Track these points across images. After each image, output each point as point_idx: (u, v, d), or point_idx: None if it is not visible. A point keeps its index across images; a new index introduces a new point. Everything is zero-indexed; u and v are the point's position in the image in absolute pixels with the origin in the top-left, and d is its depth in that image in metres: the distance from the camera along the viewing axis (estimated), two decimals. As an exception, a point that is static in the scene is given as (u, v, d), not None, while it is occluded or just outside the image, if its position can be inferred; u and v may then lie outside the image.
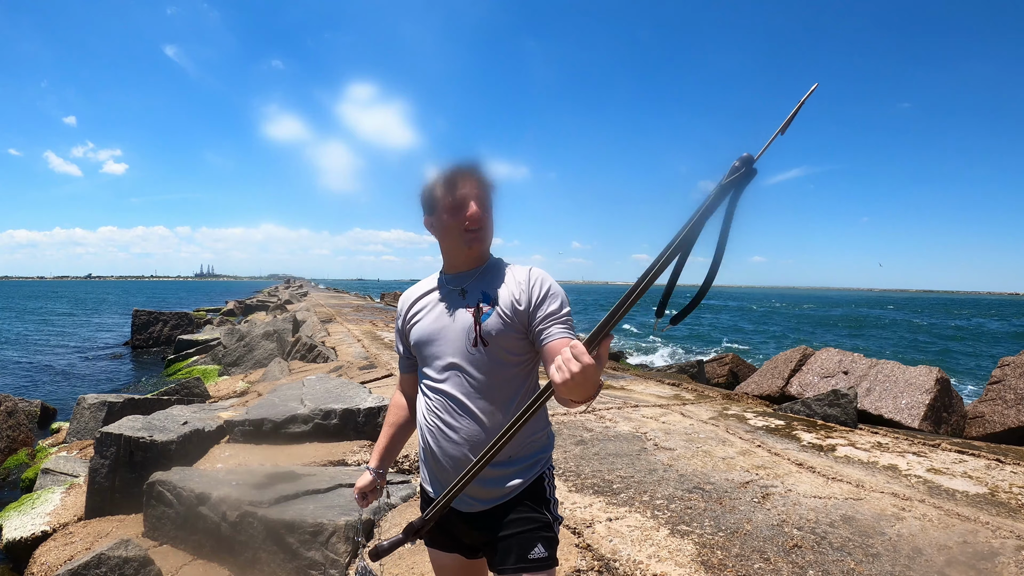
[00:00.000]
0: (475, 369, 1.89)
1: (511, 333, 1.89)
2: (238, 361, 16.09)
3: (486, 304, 1.90)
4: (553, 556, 1.89)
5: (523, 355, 1.93)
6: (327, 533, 3.83)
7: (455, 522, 1.97)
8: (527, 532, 1.88)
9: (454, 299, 1.97)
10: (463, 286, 1.97)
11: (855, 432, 6.38)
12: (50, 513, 5.68)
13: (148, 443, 5.57)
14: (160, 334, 27.28)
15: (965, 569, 3.31)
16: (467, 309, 1.92)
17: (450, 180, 1.91)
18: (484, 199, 1.92)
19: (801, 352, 10.08)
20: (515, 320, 1.89)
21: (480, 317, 1.89)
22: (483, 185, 1.93)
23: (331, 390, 6.88)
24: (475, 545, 1.99)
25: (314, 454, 5.52)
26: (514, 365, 1.92)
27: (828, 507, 4.16)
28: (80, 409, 9.17)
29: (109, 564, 3.88)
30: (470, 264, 1.99)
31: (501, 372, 1.90)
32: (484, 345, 1.88)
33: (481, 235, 1.93)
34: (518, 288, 1.91)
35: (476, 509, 1.92)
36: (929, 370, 8.24)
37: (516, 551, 1.86)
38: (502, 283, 1.94)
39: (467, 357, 1.90)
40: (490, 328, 1.88)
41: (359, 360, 11.19)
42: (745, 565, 3.34)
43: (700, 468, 4.98)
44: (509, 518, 1.90)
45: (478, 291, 1.95)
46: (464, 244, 1.93)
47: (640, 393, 8.50)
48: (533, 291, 1.90)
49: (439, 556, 2.07)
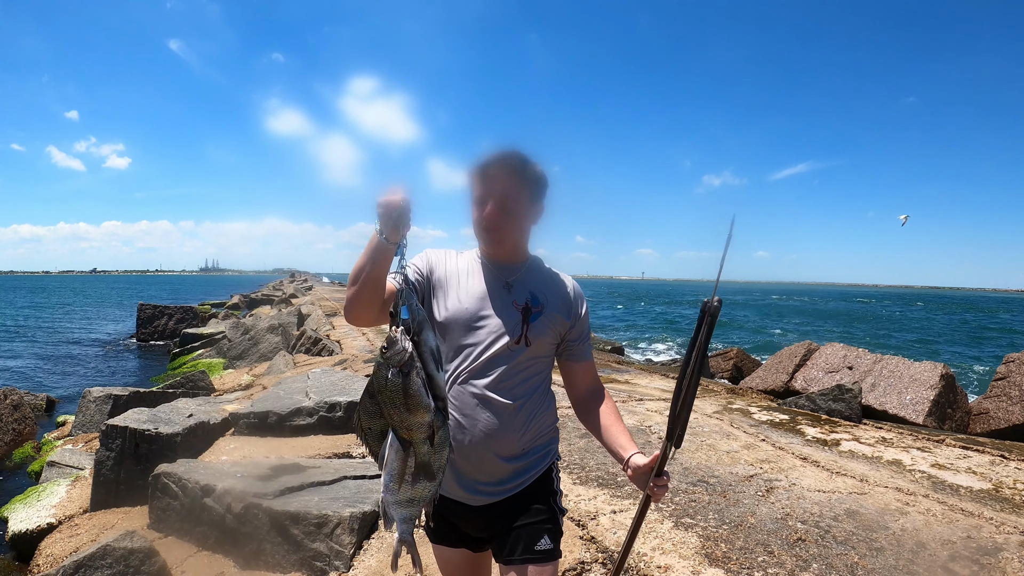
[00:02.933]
0: (509, 366, 1.88)
1: (550, 339, 1.94)
2: (243, 354, 16.11)
3: (535, 306, 1.90)
4: (558, 548, 1.91)
5: (547, 357, 1.99)
6: (332, 525, 3.84)
7: (464, 515, 1.95)
8: (535, 524, 1.88)
9: (498, 290, 1.92)
10: (508, 280, 1.93)
11: (859, 427, 6.37)
12: (56, 505, 5.71)
13: (153, 435, 5.59)
14: (165, 328, 27.34)
15: (968, 564, 3.31)
16: (515, 306, 1.90)
17: (481, 171, 1.84)
18: (511, 200, 1.83)
19: (806, 347, 10.07)
20: (559, 329, 1.95)
21: (529, 318, 1.89)
22: (514, 183, 1.83)
23: (336, 383, 6.90)
24: (483, 537, 1.98)
25: (319, 446, 5.53)
26: (541, 367, 1.96)
27: (832, 501, 4.16)
28: (85, 402, 9.20)
29: (114, 555, 3.90)
30: (509, 257, 1.96)
31: (528, 372, 1.92)
32: (527, 345, 1.88)
33: (497, 237, 1.87)
34: (566, 300, 1.97)
35: (486, 502, 1.91)
36: (934, 366, 8.22)
37: (523, 542, 1.86)
38: (551, 289, 1.96)
39: (504, 353, 1.87)
40: (537, 331, 1.89)
41: (364, 353, 11.21)
42: (749, 558, 3.34)
43: (704, 461, 4.99)
44: (518, 509, 1.90)
45: (526, 290, 1.93)
46: (481, 241, 1.92)
47: (644, 387, 8.50)
48: (578, 308, 2.00)
49: (444, 551, 2.04)
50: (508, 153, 1.84)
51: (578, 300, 2.00)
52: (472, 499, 1.91)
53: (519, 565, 1.84)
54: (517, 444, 1.90)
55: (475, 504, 1.92)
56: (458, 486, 1.91)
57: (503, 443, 1.87)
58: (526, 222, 1.91)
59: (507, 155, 1.84)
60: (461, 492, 1.91)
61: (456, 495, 1.92)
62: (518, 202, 1.84)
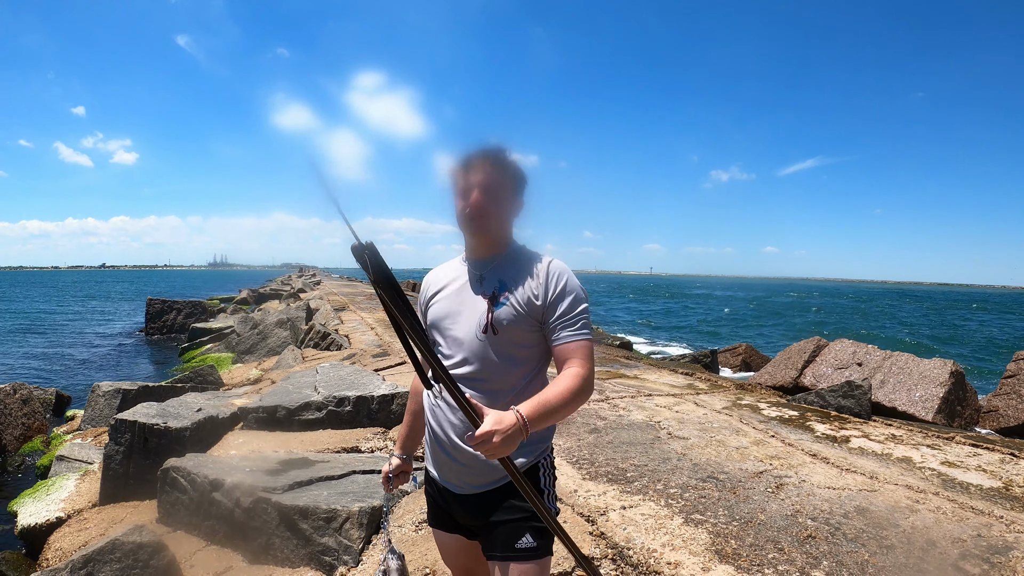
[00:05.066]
0: (481, 356, 1.88)
1: (523, 325, 1.89)
2: (251, 349, 16.16)
3: (501, 293, 1.89)
4: (543, 546, 1.86)
5: (533, 347, 1.93)
6: (341, 519, 3.84)
7: (451, 502, 1.99)
8: (516, 521, 1.87)
9: (472, 285, 1.96)
10: (482, 272, 1.96)
11: (869, 424, 6.34)
12: (65, 500, 5.74)
13: (162, 430, 5.61)
14: (174, 322, 27.48)
15: (979, 563, 3.29)
16: (482, 296, 1.91)
17: (464, 165, 1.90)
18: (495, 188, 1.88)
19: (815, 343, 10.02)
20: (529, 313, 1.88)
21: (494, 306, 1.88)
22: (497, 173, 1.89)
23: (344, 377, 6.91)
24: (470, 527, 2.00)
25: (328, 441, 5.54)
26: (522, 357, 1.92)
27: (842, 498, 4.14)
28: (95, 396, 9.24)
29: (123, 550, 3.92)
30: (489, 251, 1.98)
31: (507, 362, 1.89)
32: (494, 333, 1.87)
33: (483, 225, 1.90)
34: (535, 281, 1.90)
35: (468, 492, 1.93)
36: (944, 363, 8.17)
37: (503, 539, 1.86)
38: (520, 273, 1.93)
39: (475, 344, 1.89)
40: (502, 318, 1.87)
41: (372, 348, 11.23)
42: (759, 555, 3.33)
43: (714, 457, 4.97)
44: (500, 505, 1.90)
45: (495, 279, 1.93)
46: (465, 230, 1.95)
47: (653, 382, 8.48)
48: (550, 286, 1.89)
49: (442, 536, 2.10)
50: (489, 147, 1.91)
51: (551, 279, 1.90)
52: (457, 487, 1.96)
53: (501, 562, 1.85)
54: None
55: (460, 492, 1.95)
56: (444, 472, 1.98)
57: None
58: (509, 212, 1.96)
59: (489, 148, 1.91)
60: (446, 478, 1.98)
61: (443, 480, 1.99)
62: (503, 188, 1.90)
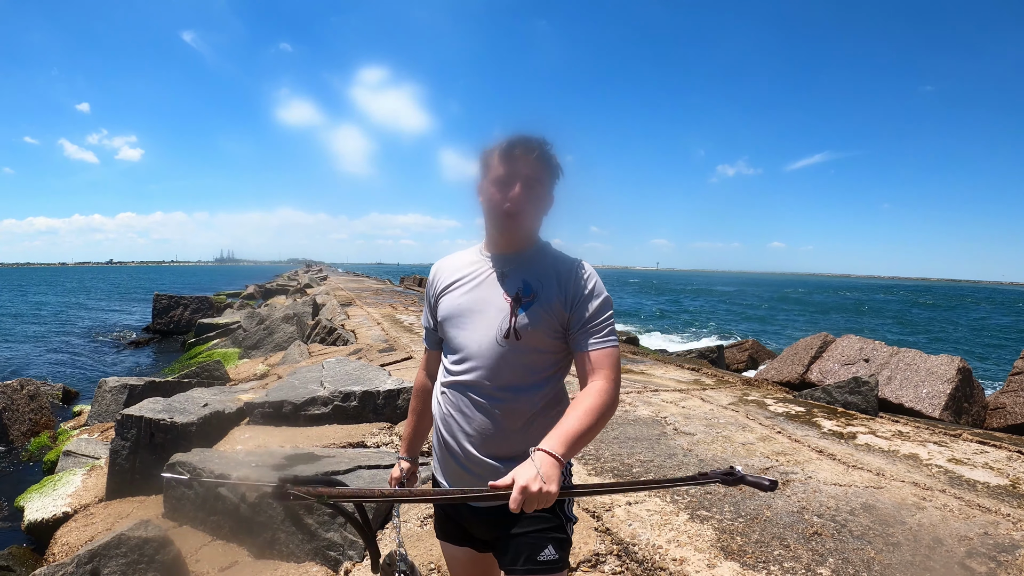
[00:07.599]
0: (501, 362, 1.77)
1: (546, 330, 1.78)
2: (258, 344, 16.18)
3: (526, 295, 1.78)
4: (564, 558, 1.78)
5: (555, 353, 1.82)
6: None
7: (465, 514, 1.88)
8: (537, 532, 1.76)
9: (493, 282, 1.84)
10: (504, 269, 1.85)
11: (875, 420, 6.32)
12: (71, 495, 5.76)
13: (168, 425, 5.63)
14: (181, 318, 27.52)
15: (985, 561, 3.27)
16: (505, 297, 1.80)
17: (507, 151, 1.76)
18: (536, 184, 1.77)
19: (822, 339, 9.99)
20: (554, 318, 1.78)
21: (517, 309, 1.77)
22: (542, 167, 1.77)
23: (350, 372, 6.91)
24: (485, 539, 1.90)
25: (333, 436, 5.55)
26: (542, 363, 1.81)
27: (848, 495, 4.13)
28: (101, 392, 9.28)
29: (129, 545, 3.92)
30: (515, 246, 1.86)
31: (527, 368, 1.79)
32: (517, 339, 1.76)
33: (518, 221, 1.78)
34: (562, 285, 1.79)
35: (485, 504, 1.81)
36: (951, 359, 8.13)
37: (526, 552, 1.75)
38: (547, 274, 1.81)
39: (494, 348, 1.77)
40: (526, 322, 1.76)
41: (378, 343, 11.23)
42: (765, 551, 3.32)
43: (720, 453, 4.96)
44: (520, 515, 1.68)
45: (519, 279, 1.81)
46: (498, 224, 1.81)
47: (660, 378, 8.47)
48: (577, 291, 1.79)
49: (450, 548, 1.99)
50: (532, 137, 1.78)
51: (578, 283, 1.79)
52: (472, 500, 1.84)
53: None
54: (515, 446, 1.78)
55: (476, 505, 1.83)
56: (457, 485, 1.85)
57: (498, 445, 1.79)
58: (543, 209, 1.85)
59: (532, 138, 1.77)
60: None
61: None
62: (542, 185, 1.79)
